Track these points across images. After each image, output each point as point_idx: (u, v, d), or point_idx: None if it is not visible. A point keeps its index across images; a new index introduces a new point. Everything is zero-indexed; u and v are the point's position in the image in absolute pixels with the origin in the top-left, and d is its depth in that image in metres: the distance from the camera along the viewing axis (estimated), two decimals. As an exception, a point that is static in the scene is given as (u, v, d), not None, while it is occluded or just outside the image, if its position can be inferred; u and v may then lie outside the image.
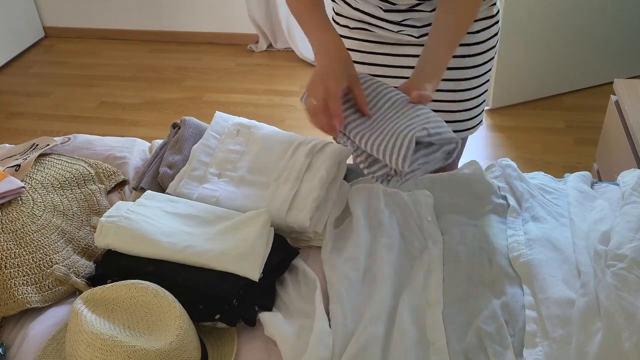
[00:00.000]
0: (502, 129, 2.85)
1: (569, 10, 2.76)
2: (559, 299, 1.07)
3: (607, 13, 2.83)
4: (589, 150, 2.63)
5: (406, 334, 1.03)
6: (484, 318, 1.06)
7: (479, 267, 1.16)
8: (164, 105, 3.20)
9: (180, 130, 1.47)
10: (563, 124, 2.85)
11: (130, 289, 1.03)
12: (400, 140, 1.02)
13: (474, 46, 1.35)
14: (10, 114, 3.19)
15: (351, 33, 1.42)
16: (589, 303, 1.04)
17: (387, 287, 1.10)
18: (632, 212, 1.21)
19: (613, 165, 1.99)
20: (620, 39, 2.93)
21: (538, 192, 1.33)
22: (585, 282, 1.08)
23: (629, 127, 1.86)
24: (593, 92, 3.04)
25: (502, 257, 1.17)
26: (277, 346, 1.05)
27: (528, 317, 1.06)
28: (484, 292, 1.11)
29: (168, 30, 3.78)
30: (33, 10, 3.81)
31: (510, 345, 1.01)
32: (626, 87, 1.98)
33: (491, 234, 1.21)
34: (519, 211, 1.28)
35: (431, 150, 1.06)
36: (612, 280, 1.06)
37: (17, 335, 1.10)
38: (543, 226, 1.23)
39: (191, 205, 1.24)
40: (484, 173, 1.36)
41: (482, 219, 1.26)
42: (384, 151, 1.03)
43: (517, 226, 1.24)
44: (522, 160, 2.63)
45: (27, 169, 1.33)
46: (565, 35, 2.84)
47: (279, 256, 1.17)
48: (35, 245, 1.18)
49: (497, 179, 1.37)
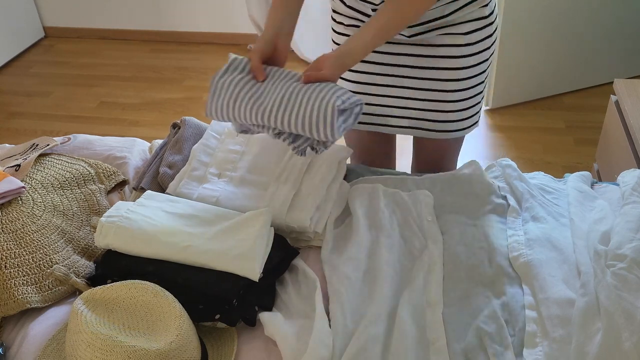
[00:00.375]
0: (502, 129, 2.85)
1: (569, 10, 2.76)
2: (559, 299, 1.07)
3: (607, 13, 2.83)
4: (589, 150, 2.63)
5: (406, 334, 1.03)
6: (484, 318, 1.06)
7: (479, 267, 1.16)
8: (164, 105, 3.19)
9: (180, 130, 1.47)
10: (563, 124, 2.85)
11: (130, 289, 1.03)
12: (323, 113, 1.11)
13: (465, 47, 1.36)
14: (10, 114, 3.19)
15: (345, 30, 1.45)
16: (589, 303, 1.04)
17: (387, 287, 1.10)
18: (632, 212, 1.21)
19: (613, 165, 1.99)
20: (620, 39, 2.93)
21: (538, 192, 1.33)
22: (585, 282, 1.08)
23: (629, 127, 1.86)
24: (593, 92, 3.04)
25: (502, 257, 1.17)
26: (277, 346, 1.05)
27: (528, 317, 1.06)
28: (484, 292, 1.11)
29: (168, 30, 3.77)
30: (33, 10, 3.81)
31: (510, 345, 1.01)
32: (626, 87, 1.98)
33: (491, 234, 1.21)
34: (519, 211, 1.27)
35: (346, 116, 1.17)
36: (612, 280, 1.06)
37: (17, 335, 1.11)
38: (543, 226, 1.23)
39: (191, 205, 1.24)
40: (484, 173, 1.36)
41: (482, 219, 1.26)
42: (310, 127, 1.13)
43: (517, 226, 1.24)
44: (522, 160, 2.63)
45: (27, 169, 1.33)
46: (565, 35, 2.83)
47: (279, 256, 1.17)
48: (35, 245, 1.18)
49: (497, 179, 1.37)
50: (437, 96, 1.43)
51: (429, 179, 1.36)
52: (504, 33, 2.71)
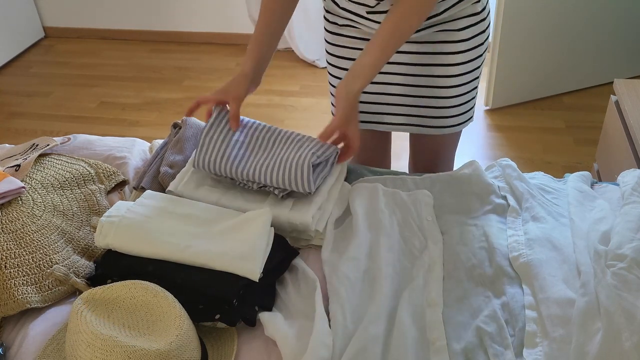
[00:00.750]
0: (502, 129, 2.85)
1: (569, 10, 2.76)
2: (559, 298, 1.07)
3: (607, 13, 2.83)
4: (589, 150, 2.63)
5: (406, 334, 1.03)
6: (484, 318, 1.05)
7: (479, 267, 1.16)
8: (164, 105, 3.20)
9: (181, 130, 1.48)
10: (563, 124, 2.85)
11: (130, 289, 1.03)
12: (300, 170, 1.22)
13: (460, 43, 1.38)
14: (10, 114, 3.19)
15: (340, 30, 1.45)
16: (589, 303, 1.04)
17: (387, 287, 1.10)
18: (632, 212, 1.21)
19: (613, 165, 1.99)
20: (620, 39, 2.93)
21: (538, 192, 1.33)
22: (585, 282, 1.08)
23: (629, 127, 1.86)
24: (593, 92, 3.04)
25: (502, 257, 1.17)
26: (277, 346, 1.05)
27: (528, 317, 1.06)
28: (483, 292, 1.11)
29: (168, 30, 3.77)
30: (33, 10, 3.81)
31: (511, 345, 1.01)
32: (626, 87, 1.98)
33: (491, 234, 1.21)
34: (518, 211, 1.27)
35: (322, 167, 1.27)
36: (612, 280, 1.06)
37: (17, 335, 1.10)
38: (543, 226, 1.23)
39: (192, 205, 1.24)
40: (483, 173, 1.36)
41: (482, 219, 1.26)
42: (289, 182, 1.23)
43: (517, 226, 1.24)
44: (522, 160, 2.63)
45: (27, 169, 1.33)
46: (565, 35, 2.84)
47: (279, 256, 1.17)
48: (35, 245, 1.18)
49: (497, 179, 1.37)
50: (433, 92, 1.44)
51: (429, 179, 1.36)
52: (504, 33, 2.72)
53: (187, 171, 1.34)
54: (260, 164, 1.27)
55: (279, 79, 3.33)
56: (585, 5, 2.77)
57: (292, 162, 1.24)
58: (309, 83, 3.32)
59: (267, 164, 1.26)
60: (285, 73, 3.38)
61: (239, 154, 1.30)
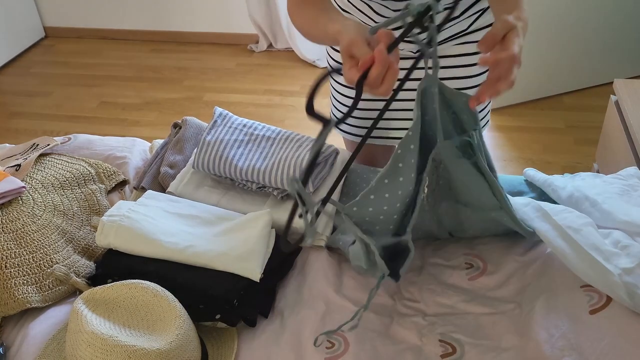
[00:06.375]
0: (502, 129, 2.85)
1: (569, 10, 2.76)
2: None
3: (607, 13, 2.83)
4: (589, 150, 2.63)
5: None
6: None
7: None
8: (164, 105, 3.19)
9: (182, 130, 1.48)
10: (563, 124, 2.85)
11: (130, 289, 1.03)
12: (299, 170, 1.22)
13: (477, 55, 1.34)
14: (10, 114, 3.19)
15: None
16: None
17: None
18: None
19: (613, 165, 1.99)
20: (620, 39, 2.93)
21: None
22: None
23: (629, 127, 1.86)
24: (593, 92, 3.04)
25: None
26: (277, 347, 1.05)
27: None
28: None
29: (168, 30, 3.77)
30: (33, 10, 3.81)
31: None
32: (626, 87, 1.97)
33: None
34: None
35: (321, 167, 1.29)
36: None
37: (17, 335, 1.11)
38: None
39: (192, 206, 1.24)
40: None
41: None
42: (288, 182, 1.22)
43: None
44: (522, 160, 2.63)
45: (27, 169, 1.33)
46: (565, 35, 2.83)
47: (280, 257, 1.17)
48: (35, 245, 1.18)
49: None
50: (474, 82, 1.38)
51: None
52: (504, 33, 2.71)
53: (187, 172, 1.34)
54: (259, 164, 1.27)
55: (279, 79, 3.33)
56: (585, 5, 2.77)
57: (291, 162, 1.25)
58: (309, 83, 3.31)
59: (266, 164, 1.27)
60: (285, 73, 3.38)
61: (238, 153, 1.30)
